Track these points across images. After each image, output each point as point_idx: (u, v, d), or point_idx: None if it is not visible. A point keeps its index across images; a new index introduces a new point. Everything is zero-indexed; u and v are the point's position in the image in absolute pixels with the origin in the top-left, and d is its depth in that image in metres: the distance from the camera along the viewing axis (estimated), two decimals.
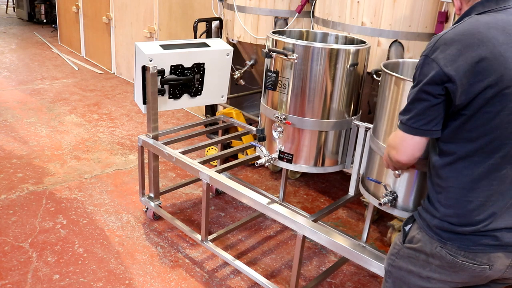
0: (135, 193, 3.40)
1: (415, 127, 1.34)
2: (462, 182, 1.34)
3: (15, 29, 9.30)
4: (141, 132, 4.56)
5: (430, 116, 1.32)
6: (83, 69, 6.75)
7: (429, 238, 1.40)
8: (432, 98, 1.29)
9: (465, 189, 1.33)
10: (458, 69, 1.24)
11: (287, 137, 2.31)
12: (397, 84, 1.87)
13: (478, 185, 1.32)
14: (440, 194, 1.39)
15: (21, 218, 3.02)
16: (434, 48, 1.29)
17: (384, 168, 2.00)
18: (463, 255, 1.34)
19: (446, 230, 1.37)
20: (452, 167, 1.35)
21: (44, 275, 2.53)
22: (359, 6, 2.61)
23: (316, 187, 3.66)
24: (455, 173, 1.35)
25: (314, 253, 2.87)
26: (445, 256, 1.37)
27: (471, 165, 1.31)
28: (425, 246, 1.41)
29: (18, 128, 4.46)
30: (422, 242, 1.42)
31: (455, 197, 1.35)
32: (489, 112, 1.24)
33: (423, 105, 1.32)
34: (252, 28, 3.43)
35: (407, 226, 1.51)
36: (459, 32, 1.27)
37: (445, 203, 1.38)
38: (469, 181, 1.33)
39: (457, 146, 1.33)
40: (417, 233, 1.45)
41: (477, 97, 1.24)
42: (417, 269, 1.46)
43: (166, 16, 5.25)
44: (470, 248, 1.33)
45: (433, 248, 1.39)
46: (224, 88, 3.10)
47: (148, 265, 2.66)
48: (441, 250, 1.37)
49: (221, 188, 2.48)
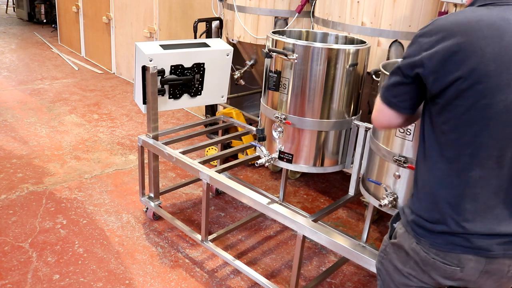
0: (135, 193, 3.40)
1: (386, 96, 1.38)
2: (434, 176, 1.33)
3: (15, 29, 9.29)
4: (141, 132, 4.56)
5: (399, 91, 1.35)
6: (83, 69, 6.75)
7: (407, 234, 1.41)
8: (403, 77, 1.33)
9: (437, 185, 1.33)
10: (433, 56, 1.24)
11: (287, 137, 2.31)
12: None
13: (449, 182, 1.31)
14: (417, 188, 1.41)
15: (21, 218, 3.02)
16: (425, 32, 1.30)
17: (384, 169, 2.00)
18: (434, 253, 1.34)
19: (420, 226, 1.37)
20: (427, 160, 1.36)
21: (44, 275, 2.53)
22: (359, 6, 2.61)
23: (316, 187, 3.65)
24: (429, 166, 1.35)
25: (314, 253, 2.87)
26: (419, 252, 1.37)
27: (443, 160, 1.31)
28: (404, 242, 1.42)
29: (18, 128, 4.46)
30: (402, 238, 1.43)
31: (428, 192, 1.36)
32: (460, 105, 1.23)
33: (395, 80, 1.35)
34: (252, 28, 3.43)
35: (395, 222, 1.51)
36: (451, 20, 1.27)
37: (420, 198, 1.39)
38: (441, 177, 1.32)
39: (434, 138, 1.33)
40: (399, 228, 1.46)
41: (450, 87, 1.23)
42: (400, 265, 1.46)
43: (166, 16, 5.25)
44: (442, 246, 1.33)
45: (410, 243, 1.39)
46: (224, 88, 3.10)
47: (148, 265, 2.66)
48: (416, 246, 1.38)
49: (221, 188, 2.48)
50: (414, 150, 1.86)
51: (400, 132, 1.89)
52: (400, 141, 1.90)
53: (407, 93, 1.35)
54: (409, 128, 1.86)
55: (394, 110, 1.38)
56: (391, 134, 1.94)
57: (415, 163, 1.47)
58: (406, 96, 1.35)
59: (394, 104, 1.37)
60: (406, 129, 1.87)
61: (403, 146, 1.90)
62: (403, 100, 1.36)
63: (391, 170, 1.97)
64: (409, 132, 1.86)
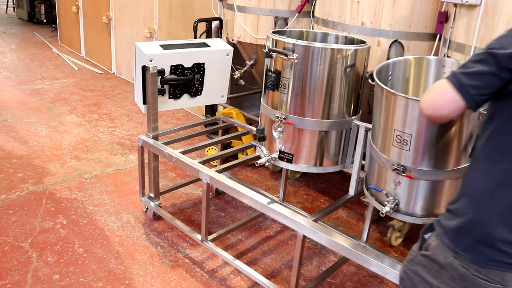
0: (135, 193, 3.39)
1: (463, 83, 1.22)
2: (484, 184, 1.25)
3: (15, 29, 9.29)
4: (141, 132, 4.55)
5: (484, 83, 1.20)
6: (83, 69, 6.75)
7: (443, 246, 1.32)
8: (496, 69, 1.18)
9: (485, 194, 1.24)
10: None
11: (287, 137, 2.31)
12: (387, 98, 1.87)
13: (498, 192, 1.22)
14: (462, 197, 1.31)
15: (21, 218, 3.02)
16: None
17: (384, 176, 1.99)
18: (475, 269, 1.25)
19: (460, 238, 1.28)
20: (477, 167, 1.28)
21: (44, 275, 2.53)
22: (359, 6, 2.61)
23: (316, 187, 3.65)
24: (478, 174, 1.27)
25: (314, 253, 2.87)
26: (457, 268, 1.28)
27: (495, 168, 1.22)
28: (439, 255, 1.33)
29: (18, 128, 4.46)
30: (437, 250, 1.34)
31: (474, 202, 1.27)
32: None
33: (483, 68, 1.20)
34: (252, 28, 3.43)
35: (427, 234, 1.42)
36: None
37: (464, 207, 1.29)
38: (491, 186, 1.24)
39: (500, 139, 1.23)
40: (433, 240, 1.37)
41: None
42: (430, 278, 1.37)
43: (166, 16, 5.25)
44: (483, 262, 1.24)
45: (447, 257, 1.31)
46: (224, 88, 3.10)
47: (148, 265, 2.66)
48: (454, 261, 1.29)
49: (221, 188, 2.48)
50: (412, 160, 1.84)
51: (397, 143, 1.86)
52: (398, 150, 1.87)
53: (491, 87, 1.20)
54: (406, 139, 1.82)
55: (465, 101, 1.23)
56: (389, 143, 1.90)
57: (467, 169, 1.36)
58: (489, 90, 1.21)
59: (470, 96, 1.22)
60: (403, 140, 1.83)
61: (400, 155, 1.87)
62: (483, 94, 1.21)
63: (391, 177, 1.95)
64: (406, 143, 1.82)
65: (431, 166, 1.83)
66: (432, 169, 1.84)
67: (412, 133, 1.80)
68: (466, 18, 2.23)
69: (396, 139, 1.85)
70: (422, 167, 1.84)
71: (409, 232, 3.04)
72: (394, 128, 1.85)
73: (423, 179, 1.87)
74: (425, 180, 1.87)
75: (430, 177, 1.86)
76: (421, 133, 1.78)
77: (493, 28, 2.09)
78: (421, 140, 1.79)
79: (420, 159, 1.83)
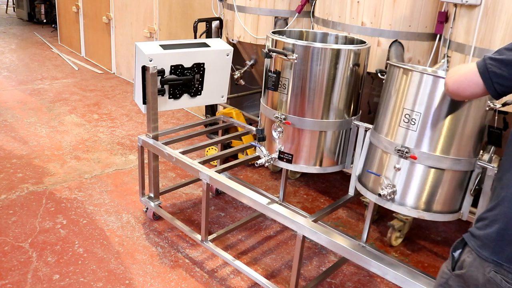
0: (135, 193, 3.40)
1: (489, 68, 1.21)
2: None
3: (15, 29, 9.29)
4: (141, 132, 4.56)
5: (508, 73, 1.19)
6: (83, 69, 6.75)
7: (481, 260, 1.21)
8: None
9: None
10: None
11: (287, 137, 2.31)
12: (401, 77, 1.92)
13: None
14: (501, 202, 1.22)
15: (21, 218, 3.02)
16: None
17: (384, 163, 2.01)
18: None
19: (503, 247, 1.17)
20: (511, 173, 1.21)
21: (44, 275, 2.53)
22: (359, 6, 2.61)
23: (316, 187, 3.65)
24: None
25: (314, 253, 2.87)
26: (499, 284, 1.17)
27: None
28: (477, 272, 1.22)
29: (18, 128, 4.46)
30: (474, 267, 1.23)
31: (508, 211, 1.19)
32: None
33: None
34: (252, 28, 3.43)
35: (456, 251, 1.32)
36: None
37: (506, 212, 1.20)
38: None
39: None
40: (467, 256, 1.26)
41: None
42: None
43: (166, 16, 5.25)
44: None
45: (486, 273, 1.20)
46: (224, 88, 3.10)
47: (148, 265, 2.66)
48: (495, 276, 1.18)
49: (221, 188, 2.48)
50: (417, 141, 1.88)
51: (405, 123, 1.90)
52: (404, 131, 1.91)
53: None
54: (414, 118, 1.87)
55: (486, 87, 1.23)
56: (395, 124, 1.94)
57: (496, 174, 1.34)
58: (510, 83, 1.20)
59: (491, 83, 1.22)
60: (411, 119, 1.88)
61: (406, 136, 1.91)
62: (504, 85, 1.21)
63: (392, 163, 1.98)
64: (414, 122, 1.87)
65: (434, 150, 1.87)
66: (435, 153, 1.87)
67: (422, 111, 1.85)
68: (466, 18, 2.23)
69: (404, 119, 1.90)
70: (425, 150, 1.87)
71: (409, 232, 3.04)
72: (403, 107, 1.90)
73: (425, 164, 1.89)
74: (426, 166, 1.90)
75: (432, 162, 1.88)
76: (430, 112, 1.83)
77: (493, 28, 2.09)
78: (428, 119, 1.84)
79: (425, 141, 1.87)
